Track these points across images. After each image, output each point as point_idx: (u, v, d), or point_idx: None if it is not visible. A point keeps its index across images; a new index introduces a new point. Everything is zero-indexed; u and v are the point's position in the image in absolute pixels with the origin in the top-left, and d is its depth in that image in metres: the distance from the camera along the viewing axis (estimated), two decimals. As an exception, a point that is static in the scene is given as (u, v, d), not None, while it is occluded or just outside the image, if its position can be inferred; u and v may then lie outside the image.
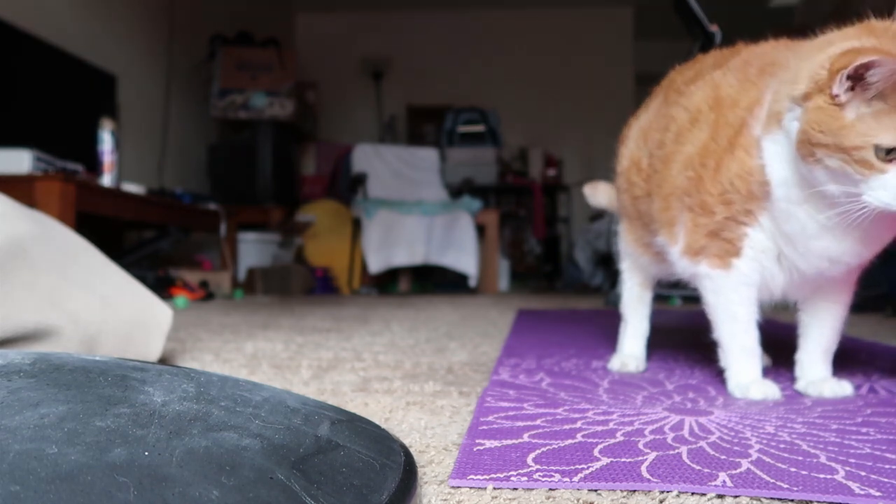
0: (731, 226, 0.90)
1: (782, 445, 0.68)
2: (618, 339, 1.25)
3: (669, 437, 0.71)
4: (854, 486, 0.56)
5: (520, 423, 0.76)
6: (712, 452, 0.65)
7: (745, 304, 0.93)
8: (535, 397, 0.90)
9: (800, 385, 0.97)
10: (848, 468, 0.61)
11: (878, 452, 0.66)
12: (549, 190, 5.63)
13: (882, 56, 0.70)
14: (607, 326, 1.94)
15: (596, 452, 0.65)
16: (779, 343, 1.34)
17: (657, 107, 1.09)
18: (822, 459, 0.64)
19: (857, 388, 0.98)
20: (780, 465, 0.61)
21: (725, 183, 0.88)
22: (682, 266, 0.98)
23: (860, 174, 0.75)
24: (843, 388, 0.93)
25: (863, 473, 0.59)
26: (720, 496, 0.54)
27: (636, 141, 1.13)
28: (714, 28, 2.45)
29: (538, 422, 0.77)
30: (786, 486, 0.55)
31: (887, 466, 0.61)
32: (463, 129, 5.00)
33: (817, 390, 0.93)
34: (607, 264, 4.02)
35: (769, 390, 0.91)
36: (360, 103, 6.26)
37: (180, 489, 0.40)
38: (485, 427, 0.74)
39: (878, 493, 0.54)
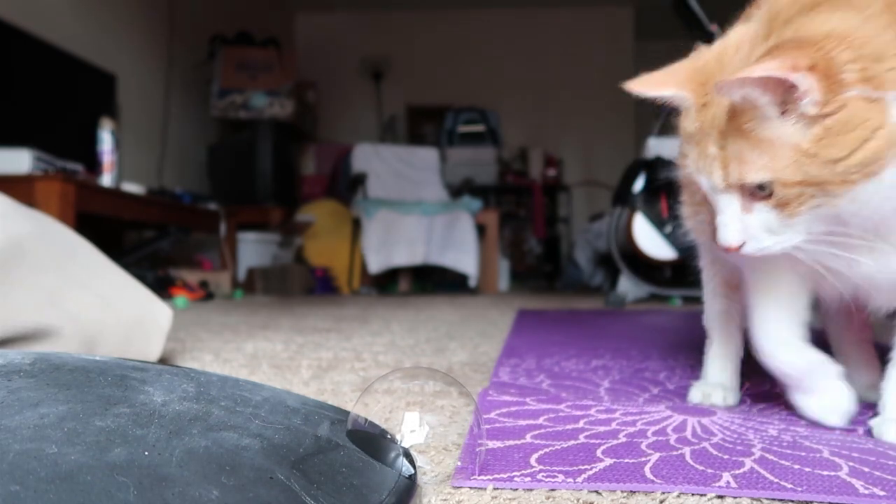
0: None
1: (785, 443, 0.68)
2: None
3: (672, 438, 0.70)
4: (858, 483, 0.56)
5: (522, 422, 0.76)
6: (716, 453, 0.64)
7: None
8: (537, 398, 0.90)
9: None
10: (851, 463, 0.61)
11: (880, 448, 0.66)
12: (549, 190, 5.63)
13: None
14: (607, 326, 1.93)
15: (599, 453, 0.64)
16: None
17: None
18: (826, 454, 0.63)
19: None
20: (783, 462, 0.61)
21: None
22: None
23: None
24: None
25: (866, 469, 0.59)
26: (720, 497, 0.54)
27: None
28: (714, 28, 2.45)
29: (540, 420, 0.77)
30: (790, 485, 0.55)
31: (890, 463, 0.61)
32: (463, 129, 5.00)
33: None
34: (607, 264, 4.02)
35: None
36: (360, 103, 6.25)
37: (180, 489, 0.40)
38: (487, 427, 0.74)
39: (882, 493, 0.54)
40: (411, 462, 0.54)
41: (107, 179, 2.84)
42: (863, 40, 0.55)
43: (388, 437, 0.58)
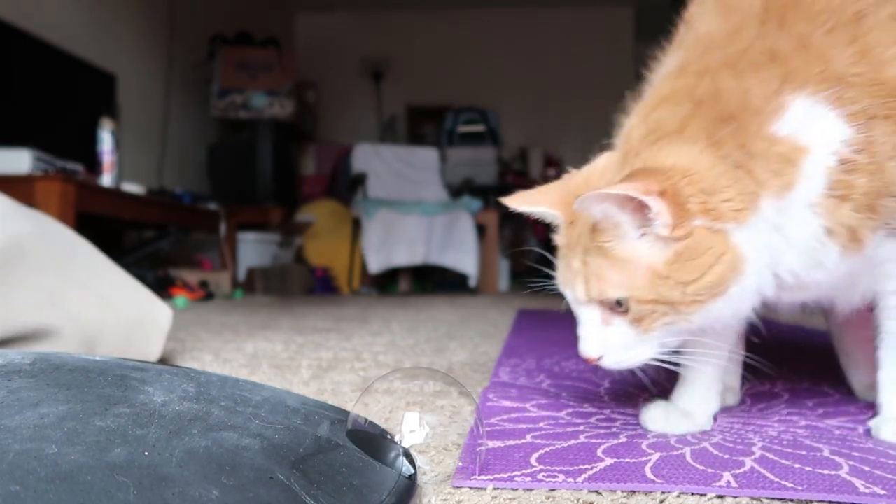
0: None
1: (785, 442, 0.68)
2: None
3: (672, 438, 0.71)
4: (858, 483, 0.56)
5: (522, 426, 0.76)
6: (716, 452, 0.64)
7: None
8: (537, 397, 0.90)
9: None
10: (852, 462, 0.61)
11: (880, 448, 0.66)
12: (549, 190, 5.62)
13: None
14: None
15: (599, 452, 0.64)
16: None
17: None
18: (826, 453, 0.63)
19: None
20: (783, 461, 0.61)
21: None
22: None
23: None
24: None
25: (866, 469, 0.59)
26: (720, 496, 0.54)
27: None
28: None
29: (541, 424, 0.77)
30: (790, 484, 0.55)
31: (890, 462, 0.61)
32: (463, 129, 4.99)
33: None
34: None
35: None
36: (360, 103, 6.25)
37: (180, 489, 0.40)
38: (487, 428, 0.74)
39: (883, 492, 0.54)
40: (411, 462, 0.54)
41: (107, 179, 2.84)
42: (700, 174, 0.60)
43: (388, 437, 0.58)
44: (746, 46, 0.65)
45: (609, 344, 0.64)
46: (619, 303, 0.62)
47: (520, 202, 0.70)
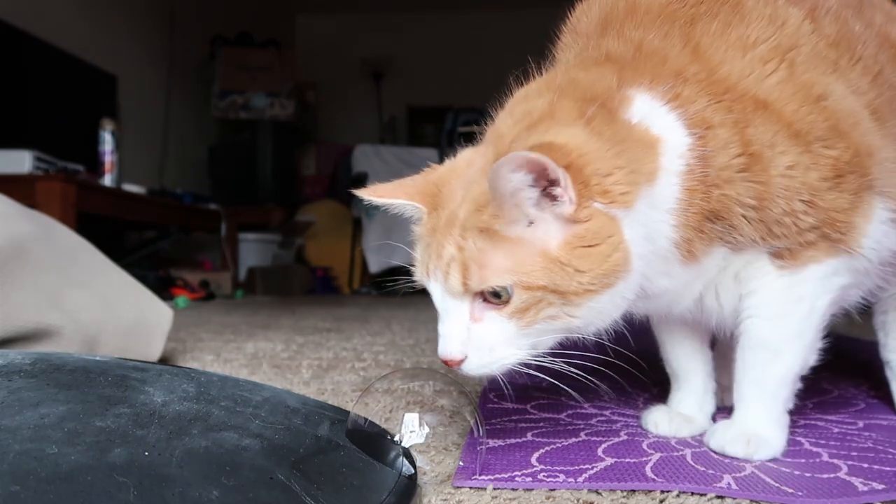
0: None
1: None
2: None
3: (673, 439, 0.71)
4: (857, 481, 0.56)
5: (523, 426, 0.76)
6: (717, 455, 0.64)
7: None
8: (538, 398, 0.90)
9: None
10: (850, 462, 0.61)
11: (880, 447, 0.66)
12: (549, 190, 5.62)
13: None
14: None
15: (600, 452, 0.64)
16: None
17: None
18: (825, 458, 0.63)
19: (858, 387, 0.98)
20: (783, 469, 0.61)
21: None
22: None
23: None
24: None
25: (865, 465, 0.59)
26: (720, 497, 0.54)
27: None
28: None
29: (541, 425, 0.77)
30: (790, 490, 0.55)
31: (890, 456, 0.62)
32: (463, 129, 4.99)
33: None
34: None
35: None
36: (360, 103, 6.25)
37: (180, 489, 0.40)
38: (487, 427, 0.74)
39: (881, 486, 0.54)
40: (411, 462, 0.54)
41: (108, 180, 2.84)
42: (592, 154, 0.56)
43: (388, 437, 0.58)
44: (588, 54, 0.68)
45: (477, 343, 0.57)
46: (497, 294, 0.56)
47: (374, 194, 0.66)
